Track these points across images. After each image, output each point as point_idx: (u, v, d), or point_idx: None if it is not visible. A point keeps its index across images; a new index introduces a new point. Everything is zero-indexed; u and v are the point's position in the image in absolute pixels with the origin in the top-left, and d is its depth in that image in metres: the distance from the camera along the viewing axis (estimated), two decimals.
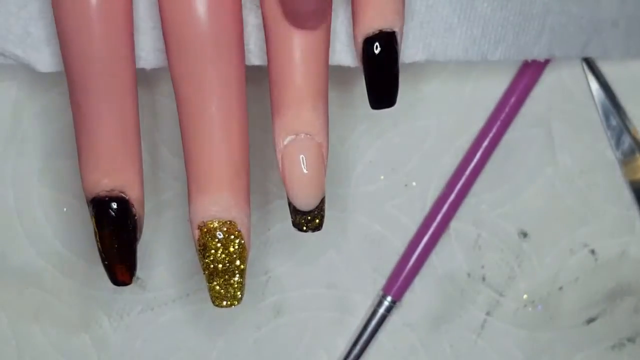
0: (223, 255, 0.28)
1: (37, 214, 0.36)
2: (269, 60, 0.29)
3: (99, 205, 0.28)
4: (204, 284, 0.29)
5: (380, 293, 0.37)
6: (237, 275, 0.29)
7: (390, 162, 0.37)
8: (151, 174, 0.36)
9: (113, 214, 0.28)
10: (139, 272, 0.36)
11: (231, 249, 0.28)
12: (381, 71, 0.29)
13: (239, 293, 0.29)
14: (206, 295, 0.36)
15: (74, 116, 0.28)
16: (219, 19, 0.28)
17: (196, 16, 0.27)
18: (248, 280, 0.37)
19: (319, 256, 0.37)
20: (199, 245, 0.28)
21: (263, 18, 0.29)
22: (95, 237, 0.28)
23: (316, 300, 0.37)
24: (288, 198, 0.29)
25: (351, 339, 0.37)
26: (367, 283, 0.37)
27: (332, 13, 0.29)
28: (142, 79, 0.31)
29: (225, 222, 0.28)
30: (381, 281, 0.37)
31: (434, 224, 0.36)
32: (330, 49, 0.30)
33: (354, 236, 0.37)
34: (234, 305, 0.29)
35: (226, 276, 0.29)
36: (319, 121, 0.28)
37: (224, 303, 0.29)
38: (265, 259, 0.37)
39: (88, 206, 0.28)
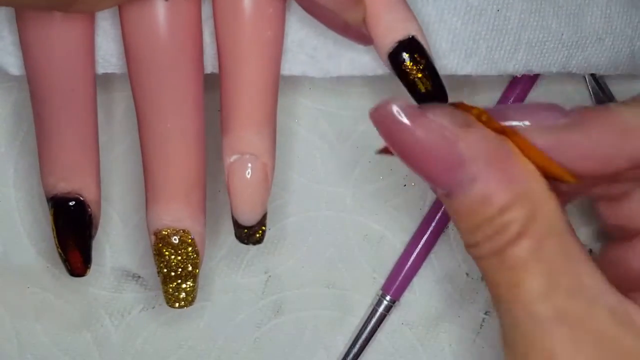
0: (175, 261, 0.30)
1: (38, 214, 0.36)
2: (220, 82, 0.30)
3: (56, 205, 0.30)
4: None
5: (380, 292, 0.37)
6: (190, 280, 0.30)
7: (389, 163, 0.37)
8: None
9: (69, 213, 0.30)
10: (140, 271, 0.37)
11: (184, 256, 0.30)
12: (415, 76, 0.29)
13: (190, 297, 0.31)
14: (207, 294, 0.37)
15: (34, 122, 0.30)
16: (177, 39, 0.29)
17: (155, 36, 0.29)
18: (248, 279, 0.37)
19: (319, 256, 0.37)
20: (154, 251, 0.30)
21: (217, 45, 0.30)
22: (53, 232, 0.30)
23: (316, 299, 0.37)
24: (231, 212, 0.31)
25: (351, 338, 0.37)
26: (367, 283, 0.37)
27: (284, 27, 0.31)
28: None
29: (178, 230, 0.29)
30: (380, 281, 0.37)
31: (433, 224, 0.37)
32: (283, 58, 0.32)
33: (354, 236, 0.37)
34: (186, 307, 0.31)
35: (178, 280, 0.30)
36: (263, 144, 0.30)
37: (177, 305, 0.31)
38: (265, 258, 0.37)
39: (47, 203, 0.30)
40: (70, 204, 0.30)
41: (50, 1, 0.26)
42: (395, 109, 0.24)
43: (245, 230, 0.31)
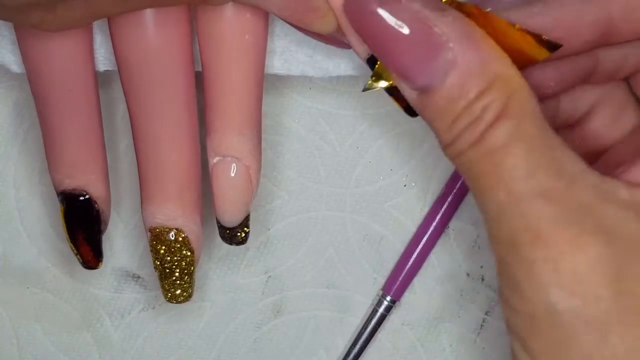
0: (170, 259, 0.30)
1: (38, 214, 0.36)
2: (203, 85, 0.30)
3: (65, 199, 0.30)
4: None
5: (380, 293, 0.37)
6: (186, 277, 0.31)
7: (389, 163, 0.37)
8: None
9: (76, 209, 0.30)
10: (140, 271, 0.37)
11: (178, 254, 0.30)
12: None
13: (186, 293, 0.31)
14: (207, 294, 0.37)
15: (39, 120, 0.30)
16: (166, 47, 0.29)
17: (145, 47, 0.29)
18: (248, 280, 0.37)
19: (319, 256, 0.37)
20: (150, 247, 0.31)
21: (199, 48, 0.30)
22: (63, 226, 0.31)
23: (316, 300, 0.37)
24: (215, 213, 0.31)
25: (351, 338, 0.37)
26: (367, 283, 0.37)
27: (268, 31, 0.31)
28: None
29: (172, 229, 0.30)
30: (381, 281, 0.37)
31: (434, 224, 0.37)
32: (282, 58, 0.32)
33: (354, 236, 0.37)
34: (183, 302, 0.31)
35: (173, 277, 0.31)
36: (245, 146, 0.30)
37: (173, 301, 0.31)
38: (265, 258, 0.37)
39: (57, 197, 0.31)
40: (78, 199, 0.30)
41: (18, 20, 0.26)
42: None
43: (228, 231, 0.31)
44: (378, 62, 0.26)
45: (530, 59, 0.26)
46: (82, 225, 0.31)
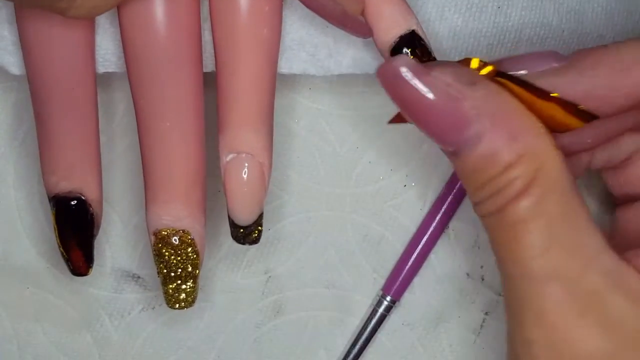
0: (175, 262, 0.30)
1: (38, 214, 0.36)
2: (217, 80, 0.30)
3: (57, 204, 0.30)
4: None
5: (380, 293, 0.37)
6: (190, 281, 0.30)
7: (389, 163, 0.37)
8: None
9: (70, 212, 0.30)
10: (140, 272, 0.37)
11: (184, 256, 0.30)
12: None
13: (190, 298, 0.31)
14: (207, 295, 0.37)
15: (35, 121, 0.30)
16: (176, 38, 0.29)
17: (154, 35, 0.29)
18: (248, 280, 0.37)
19: (319, 256, 0.37)
20: (154, 251, 0.30)
21: (214, 43, 0.30)
22: (54, 231, 0.30)
23: (316, 300, 0.37)
24: (227, 211, 0.30)
25: (351, 338, 0.37)
26: (367, 283, 0.37)
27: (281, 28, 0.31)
28: None
29: (178, 230, 0.29)
30: (381, 281, 0.37)
31: (433, 224, 0.37)
32: (283, 56, 0.32)
33: (354, 236, 0.37)
34: (186, 308, 0.31)
35: (178, 281, 0.30)
36: (259, 143, 0.30)
37: (177, 306, 0.31)
38: (265, 258, 0.37)
39: (49, 202, 0.30)
40: (72, 203, 0.30)
41: (45, 4, 0.26)
42: (401, 67, 0.24)
43: (242, 230, 0.31)
44: None
45: (564, 126, 0.25)
46: (76, 229, 0.30)
